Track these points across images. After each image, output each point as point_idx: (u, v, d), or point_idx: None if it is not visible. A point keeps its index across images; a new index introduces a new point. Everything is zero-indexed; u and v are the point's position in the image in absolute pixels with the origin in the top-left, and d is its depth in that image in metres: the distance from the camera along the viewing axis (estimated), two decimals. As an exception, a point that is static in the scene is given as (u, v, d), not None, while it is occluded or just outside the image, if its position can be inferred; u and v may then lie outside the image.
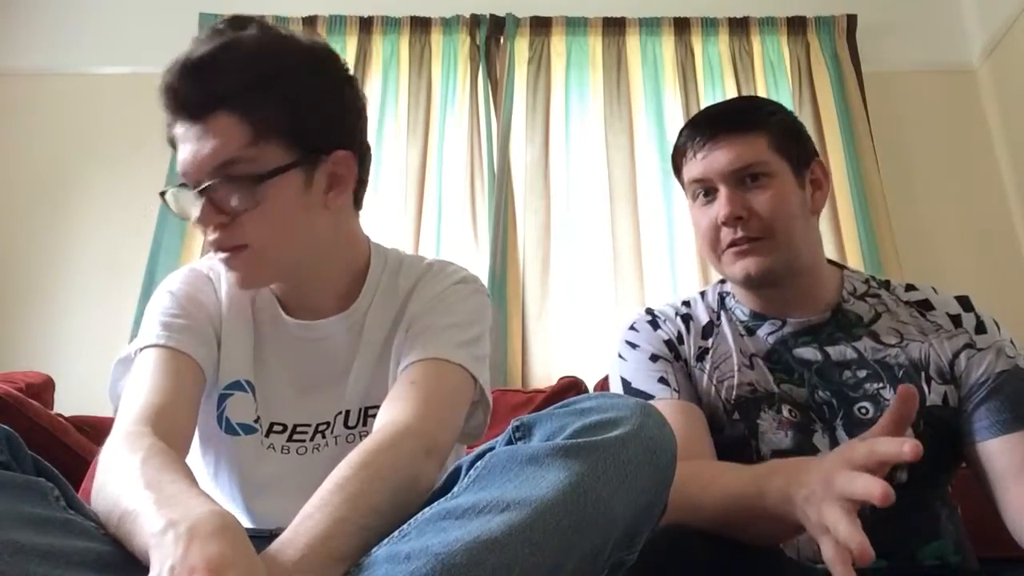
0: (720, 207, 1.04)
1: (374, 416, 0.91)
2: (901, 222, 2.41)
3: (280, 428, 0.94)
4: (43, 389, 1.76)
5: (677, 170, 1.15)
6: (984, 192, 2.54)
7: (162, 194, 0.90)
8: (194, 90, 0.83)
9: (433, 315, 0.94)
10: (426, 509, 0.61)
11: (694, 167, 1.08)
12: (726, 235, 1.05)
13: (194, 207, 0.85)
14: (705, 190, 1.08)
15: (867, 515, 0.97)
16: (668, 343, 1.12)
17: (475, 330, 0.94)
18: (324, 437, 0.94)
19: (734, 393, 1.05)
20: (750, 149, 1.04)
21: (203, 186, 0.84)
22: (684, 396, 1.06)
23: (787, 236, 1.04)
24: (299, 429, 0.94)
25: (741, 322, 1.11)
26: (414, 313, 0.95)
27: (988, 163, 2.57)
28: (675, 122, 2.52)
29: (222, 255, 0.88)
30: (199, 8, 2.59)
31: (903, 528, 0.96)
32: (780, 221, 1.03)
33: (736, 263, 1.05)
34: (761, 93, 2.52)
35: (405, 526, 0.60)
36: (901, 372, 1.02)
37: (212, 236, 0.87)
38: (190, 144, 0.84)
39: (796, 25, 2.61)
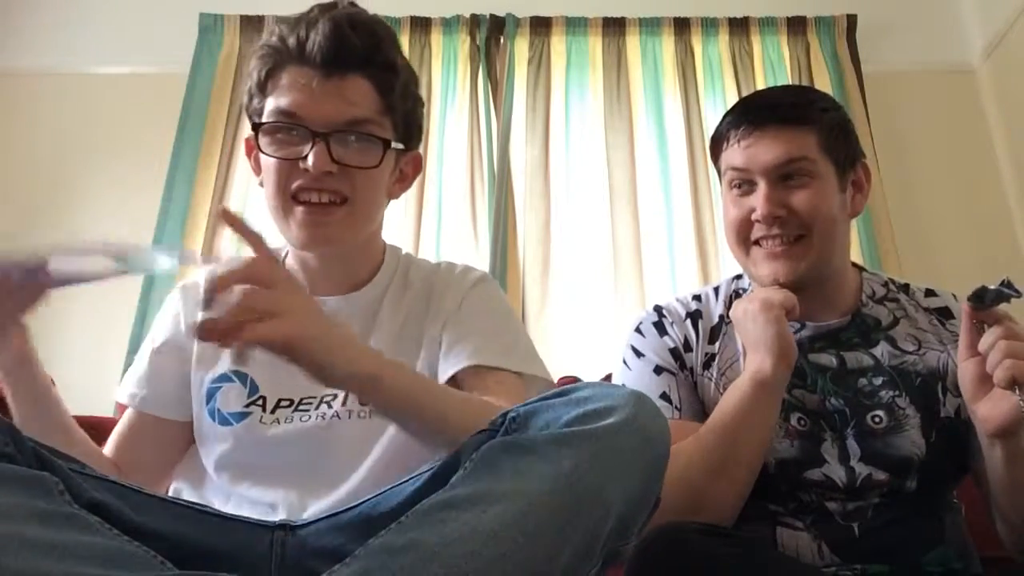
0: (758, 203, 1.00)
1: None
2: (901, 222, 2.41)
3: (287, 403, 0.95)
4: (43, 389, 1.76)
5: (715, 153, 1.09)
6: (984, 192, 2.54)
7: (258, 127, 0.93)
8: (349, 45, 0.90)
9: (473, 321, 1.00)
10: (423, 501, 0.61)
11: (735, 155, 1.03)
12: (758, 231, 1.01)
13: (307, 149, 0.89)
14: (742, 181, 1.03)
15: (869, 518, 0.97)
16: (674, 351, 1.08)
17: (512, 326, 1.03)
18: (331, 407, 0.94)
19: None
20: (797, 145, 1.00)
21: (335, 132, 0.89)
22: (686, 413, 1.04)
23: (822, 240, 1.00)
24: (305, 401, 0.95)
25: None
26: (450, 319, 1.00)
27: (988, 163, 2.57)
28: (675, 122, 2.52)
29: (312, 208, 0.91)
30: (199, 8, 2.59)
31: (907, 535, 0.95)
32: (819, 223, 0.99)
33: (766, 265, 1.01)
34: (761, 93, 2.53)
35: (403, 517, 0.60)
36: (918, 380, 1.00)
37: (316, 182, 0.90)
38: (319, 93, 0.89)
39: (796, 25, 2.61)
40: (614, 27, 2.61)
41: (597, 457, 0.62)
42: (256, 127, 0.94)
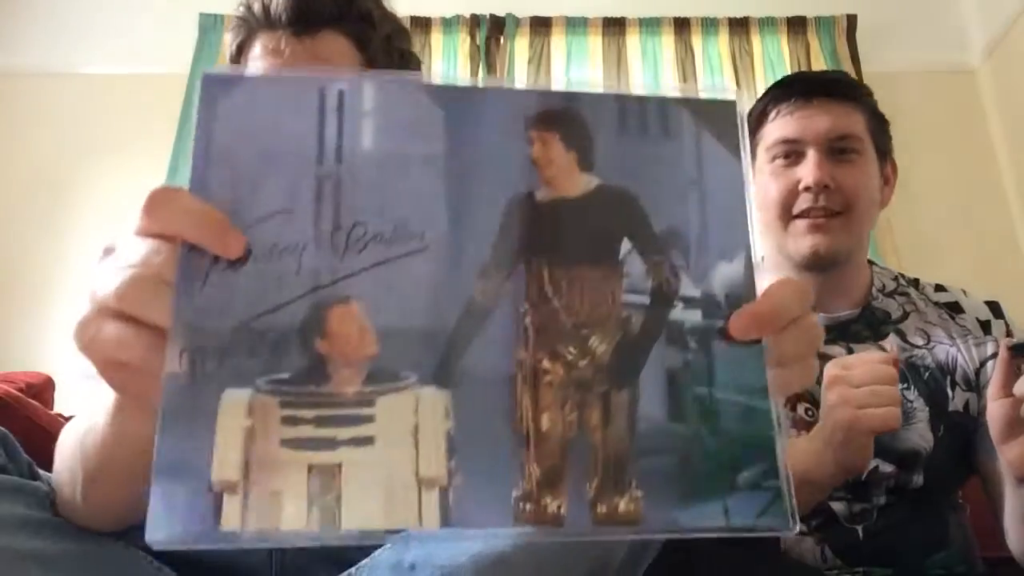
0: (808, 172, 0.98)
1: None
2: (901, 222, 2.41)
3: None
4: (43, 389, 1.76)
5: (754, 129, 1.07)
6: (984, 192, 2.54)
7: None
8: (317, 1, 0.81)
9: None
10: None
11: (785, 125, 1.01)
12: (803, 201, 0.99)
13: None
14: (789, 152, 1.01)
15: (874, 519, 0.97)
16: None
17: None
18: None
19: None
20: (850, 120, 1.01)
21: None
22: None
23: (862, 219, 1.00)
24: None
25: None
26: None
27: (988, 163, 2.57)
28: (675, 122, 2.53)
29: None
30: (199, 8, 2.59)
31: (911, 538, 0.95)
32: (862, 201, 1.00)
33: (807, 236, 0.99)
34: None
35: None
36: (927, 374, 1.00)
37: None
38: (290, 56, 0.80)
39: (796, 25, 2.62)
40: (614, 27, 2.61)
41: None
42: None
